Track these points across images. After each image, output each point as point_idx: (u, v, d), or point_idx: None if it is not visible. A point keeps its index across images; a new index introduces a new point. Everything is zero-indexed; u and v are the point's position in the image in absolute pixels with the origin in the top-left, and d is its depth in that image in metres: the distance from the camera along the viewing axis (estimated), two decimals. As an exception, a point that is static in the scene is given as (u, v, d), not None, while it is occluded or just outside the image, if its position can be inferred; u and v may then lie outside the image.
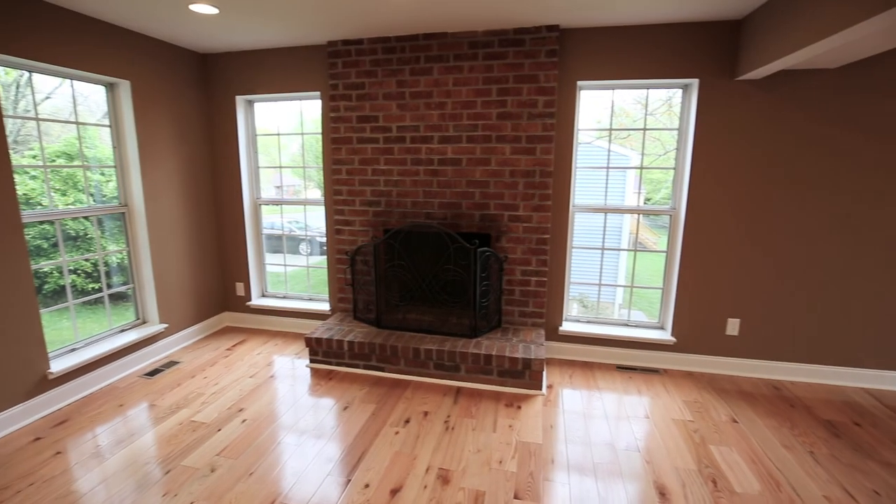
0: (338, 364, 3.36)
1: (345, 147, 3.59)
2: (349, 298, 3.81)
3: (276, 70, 3.70)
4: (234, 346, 3.81)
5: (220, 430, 2.59)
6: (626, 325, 3.58)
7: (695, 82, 3.06)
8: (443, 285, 3.40)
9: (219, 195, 4.08)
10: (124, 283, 3.50)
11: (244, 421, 2.68)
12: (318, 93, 3.65)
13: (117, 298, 3.66)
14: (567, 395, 3.02)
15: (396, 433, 2.57)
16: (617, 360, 3.50)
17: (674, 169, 3.34)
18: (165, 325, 3.57)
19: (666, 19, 2.92)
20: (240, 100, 3.88)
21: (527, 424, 2.67)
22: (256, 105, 4.01)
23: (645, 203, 7.20)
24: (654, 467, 2.30)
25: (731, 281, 3.22)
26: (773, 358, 3.25)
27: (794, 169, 3.00)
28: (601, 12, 2.81)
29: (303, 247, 8.11)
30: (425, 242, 3.41)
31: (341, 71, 3.47)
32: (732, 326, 3.27)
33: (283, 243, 4.41)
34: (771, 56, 2.54)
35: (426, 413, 2.78)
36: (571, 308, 3.72)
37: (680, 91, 3.23)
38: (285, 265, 4.33)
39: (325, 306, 4.04)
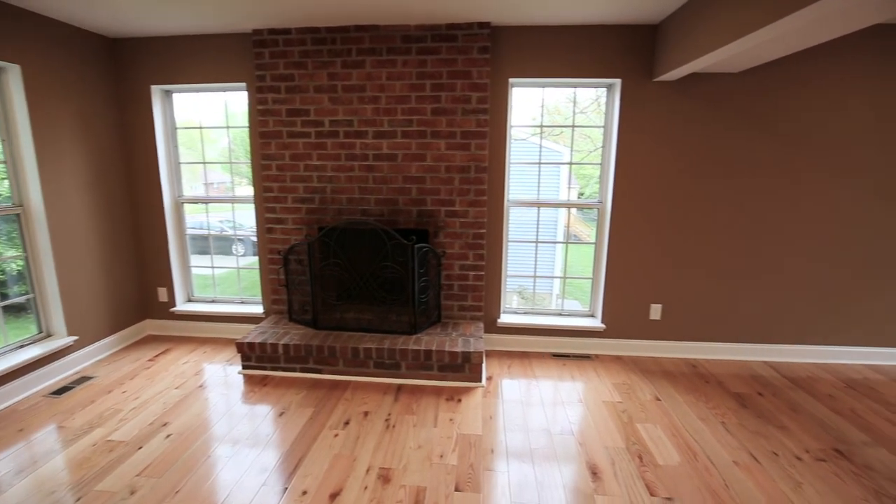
0: (273, 369, 3.23)
1: (274, 142, 3.43)
2: (284, 300, 3.66)
3: (196, 58, 3.45)
4: (157, 356, 3.54)
5: (140, 447, 2.40)
6: (560, 314, 3.74)
7: (618, 82, 3.22)
8: (381, 283, 3.36)
9: (135, 193, 3.76)
10: (25, 294, 3.14)
11: (169, 436, 2.50)
12: (243, 84, 3.46)
13: (18, 311, 3.27)
14: (506, 385, 3.10)
15: (336, 436, 2.51)
16: (552, 349, 3.64)
17: (600, 164, 3.51)
18: (75, 338, 3.24)
19: (590, 21, 3.05)
20: (156, 90, 3.59)
21: (467, 417, 2.71)
22: (175, 96, 3.73)
23: (579, 197, 7.54)
24: (586, 448, 2.42)
25: (653, 269, 3.45)
26: (691, 339, 3.53)
27: (704, 164, 3.26)
28: (528, 11, 2.89)
29: (236, 247, 7.67)
30: (362, 240, 3.34)
31: (268, 62, 3.31)
32: (655, 311, 3.51)
33: (210, 244, 4.14)
34: (680, 60, 2.73)
35: (366, 413, 2.74)
36: (511, 300, 3.83)
37: (605, 90, 3.40)
38: (213, 267, 4.08)
39: (258, 309, 3.85)
